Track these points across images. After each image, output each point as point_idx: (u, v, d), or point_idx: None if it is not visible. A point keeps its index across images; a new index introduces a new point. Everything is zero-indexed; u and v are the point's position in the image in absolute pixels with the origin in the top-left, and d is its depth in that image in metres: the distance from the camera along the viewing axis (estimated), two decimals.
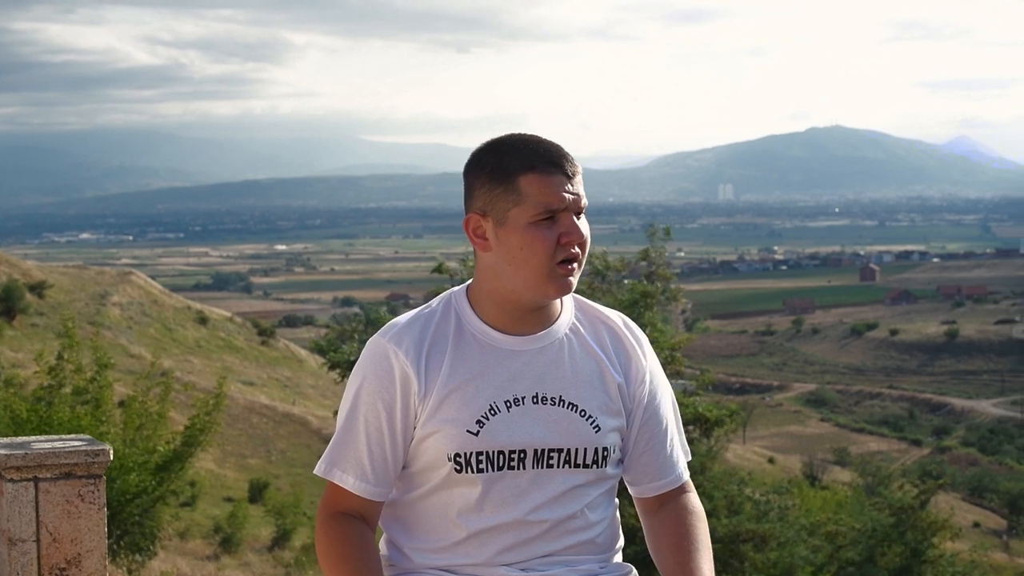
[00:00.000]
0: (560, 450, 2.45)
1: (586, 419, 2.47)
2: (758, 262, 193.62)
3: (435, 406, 2.43)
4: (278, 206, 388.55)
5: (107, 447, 4.35)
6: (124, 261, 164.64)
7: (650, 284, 15.00)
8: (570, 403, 2.47)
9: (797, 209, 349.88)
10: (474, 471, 2.42)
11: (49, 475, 4.26)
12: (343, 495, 2.48)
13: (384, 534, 2.58)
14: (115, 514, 12.38)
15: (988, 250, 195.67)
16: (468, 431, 2.42)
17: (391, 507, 2.54)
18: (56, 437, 4.51)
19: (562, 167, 2.42)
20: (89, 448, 4.31)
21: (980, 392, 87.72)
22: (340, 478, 2.47)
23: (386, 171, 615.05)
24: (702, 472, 15.49)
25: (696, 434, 15.13)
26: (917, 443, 68.59)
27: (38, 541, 4.26)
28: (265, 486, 30.66)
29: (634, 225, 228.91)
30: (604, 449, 2.49)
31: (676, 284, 16.01)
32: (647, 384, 2.56)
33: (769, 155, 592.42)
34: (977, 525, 43.85)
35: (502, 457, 2.43)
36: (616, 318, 2.59)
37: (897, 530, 18.48)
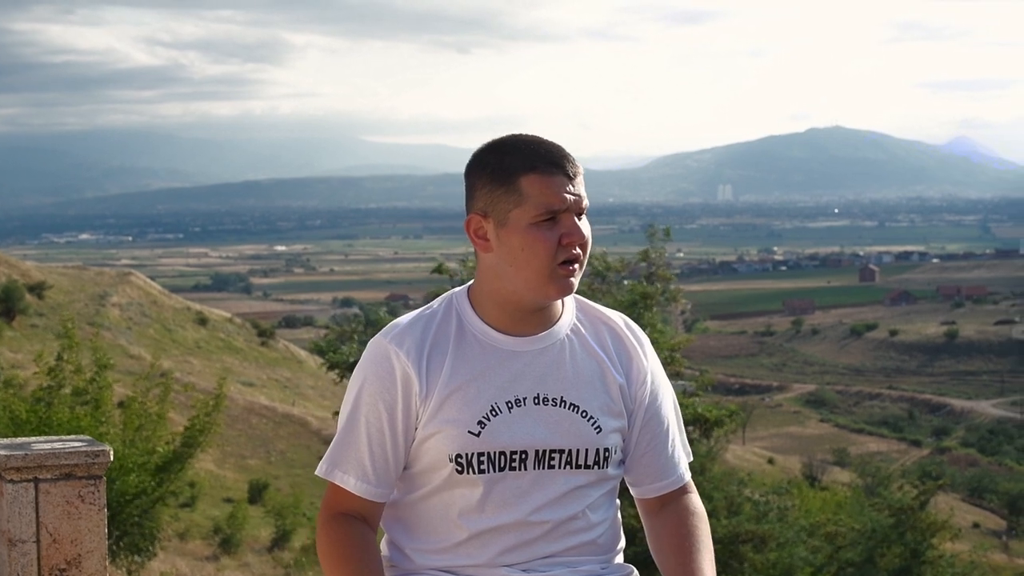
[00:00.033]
0: (561, 451, 2.45)
1: (587, 420, 2.47)
2: (757, 263, 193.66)
3: (436, 407, 2.43)
4: (278, 207, 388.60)
5: (107, 448, 4.35)
6: (124, 262, 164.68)
7: (650, 285, 14.99)
8: (571, 404, 2.47)
9: (797, 210, 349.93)
10: (475, 472, 2.42)
11: (49, 476, 4.25)
12: (344, 496, 2.48)
13: (385, 535, 2.57)
14: (115, 515, 12.37)
15: (988, 251, 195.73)
16: (469, 432, 2.42)
17: (392, 508, 2.54)
18: (56, 438, 4.51)
19: (563, 168, 2.42)
20: (89, 449, 4.31)
21: (980, 393, 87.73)
22: (341, 479, 2.47)
23: (386, 172, 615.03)
24: (702, 473, 15.50)
25: (696, 435, 15.13)
26: (917, 444, 68.59)
27: (38, 542, 4.26)
28: (265, 487, 30.66)
29: (633, 226, 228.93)
30: (605, 450, 2.48)
31: (676, 285, 16.01)
32: (648, 385, 2.56)
33: (769, 156, 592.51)
34: (977, 526, 43.85)
35: (503, 458, 2.42)
36: (617, 319, 2.59)
37: (897, 531, 18.48)
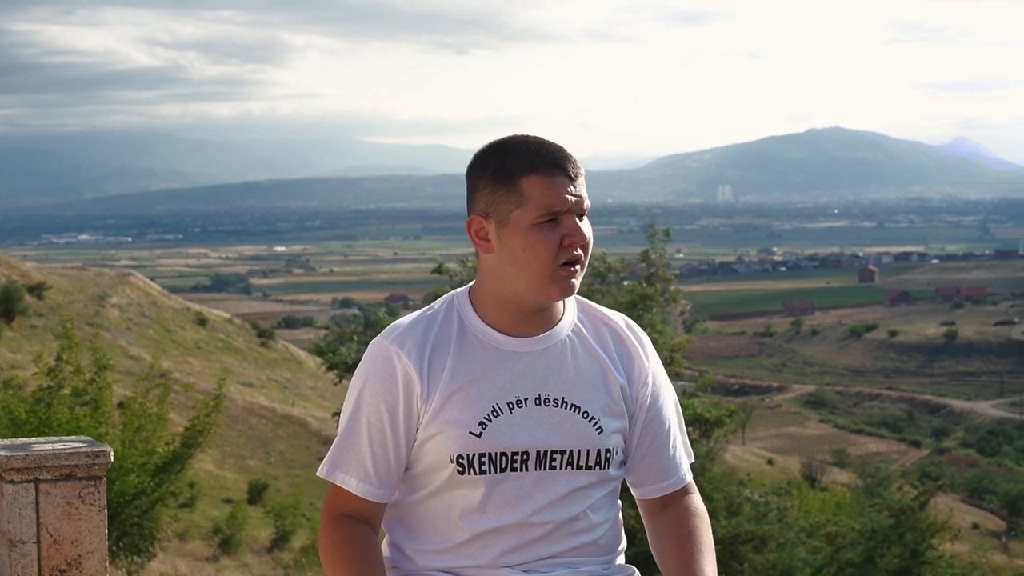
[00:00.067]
0: (563, 452, 2.45)
1: (589, 421, 2.47)
2: (757, 263, 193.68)
3: (438, 408, 2.43)
4: (277, 207, 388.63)
5: (108, 448, 4.35)
6: (123, 262, 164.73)
7: (649, 286, 14.99)
8: (573, 405, 2.47)
9: (796, 210, 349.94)
10: (477, 473, 2.42)
11: (50, 477, 4.25)
12: (346, 497, 2.47)
13: (387, 536, 2.57)
14: (114, 515, 12.38)
15: (987, 251, 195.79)
16: (471, 433, 2.41)
17: (394, 509, 2.53)
18: (56, 439, 4.50)
19: (564, 169, 2.41)
20: (90, 450, 4.30)
21: (979, 393, 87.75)
22: (343, 480, 2.47)
23: (386, 172, 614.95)
24: (701, 473, 15.49)
25: (696, 435, 15.13)
26: (916, 444, 68.61)
27: (38, 543, 4.25)
28: (264, 487, 30.65)
29: (633, 226, 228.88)
30: (607, 451, 2.48)
31: (676, 286, 16.01)
32: (649, 386, 2.56)
33: (768, 156, 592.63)
34: (976, 526, 43.86)
35: (505, 459, 2.42)
36: (619, 320, 2.59)
37: (896, 531, 18.47)
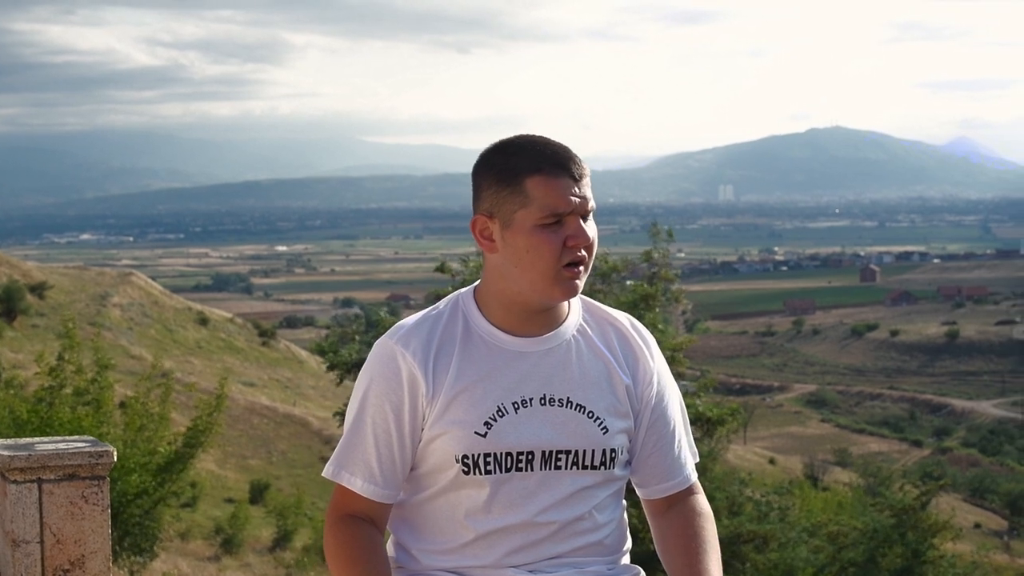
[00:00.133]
0: (568, 452, 2.45)
1: (594, 420, 2.47)
2: (758, 263, 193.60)
3: (443, 408, 2.43)
4: (278, 207, 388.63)
5: (111, 448, 4.35)
6: (124, 262, 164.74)
7: (651, 286, 14.98)
8: (578, 405, 2.47)
9: (797, 210, 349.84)
10: (482, 473, 2.42)
11: (53, 476, 4.25)
12: (351, 497, 2.47)
13: (392, 536, 2.57)
14: (116, 515, 12.38)
15: (988, 251, 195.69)
16: (476, 433, 2.41)
17: (399, 509, 2.53)
18: (60, 439, 4.51)
19: (569, 170, 2.41)
20: (93, 450, 4.31)
21: (981, 393, 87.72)
22: (348, 480, 2.47)
23: (386, 172, 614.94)
24: (703, 473, 15.49)
25: (698, 434, 15.12)
26: (918, 444, 68.58)
27: (42, 542, 4.25)
28: (266, 487, 30.65)
29: (635, 226, 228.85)
30: (612, 450, 2.48)
31: (678, 285, 15.99)
32: (655, 386, 2.56)
33: (770, 156, 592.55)
34: (978, 526, 43.87)
35: (510, 459, 2.42)
36: (624, 320, 2.59)
37: (898, 531, 18.46)
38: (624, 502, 2.59)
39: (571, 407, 2.46)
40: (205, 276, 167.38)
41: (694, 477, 2.61)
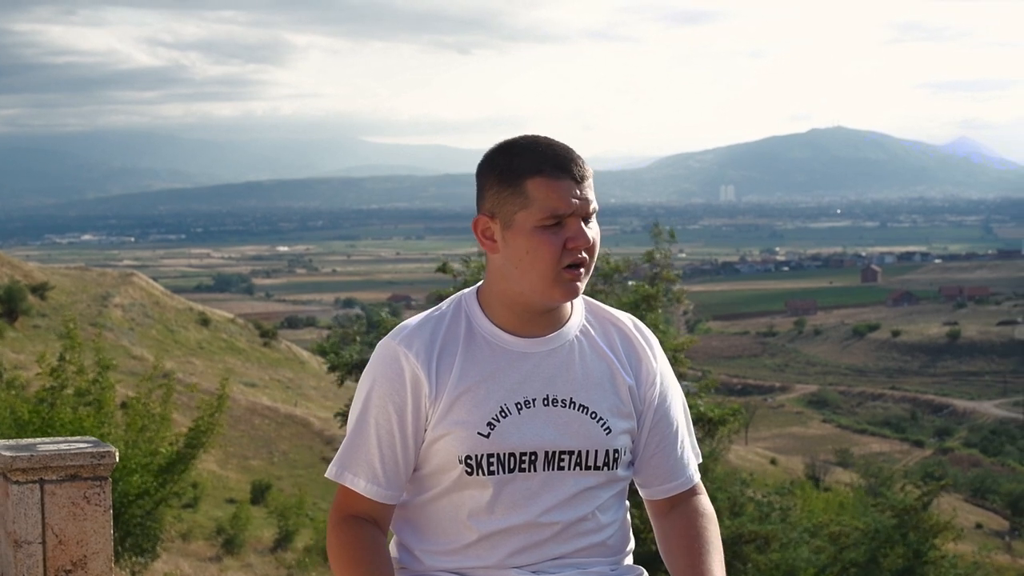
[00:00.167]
0: (571, 452, 2.45)
1: (597, 421, 2.47)
2: (760, 263, 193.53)
3: (446, 408, 2.43)
4: (280, 207, 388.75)
5: (113, 449, 4.35)
6: (126, 262, 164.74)
7: (652, 287, 14.96)
8: (581, 405, 2.47)
9: (799, 210, 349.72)
10: (485, 473, 2.42)
11: (55, 477, 4.25)
12: (355, 498, 2.47)
13: (395, 537, 2.57)
14: (118, 516, 12.37)
15: (990, 251, 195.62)
16: (479, 433, 2.41)
17: (402, 509, 2.53)
18: (61, 439, 4.51)
19: (570, 171, 2.41)
20: (95, 450, 4.31)
21: (982, 393, 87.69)
22: (351, 481, 2.47)
23: (386, 172, 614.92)
24: (704, 474, 15.45)
25: (699, 435, 15.11)
26: (919, 444, 68.54)
27: (44, 543, 4.26)
28: (267, 488, 30.63)
29: (636, 226, 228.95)
30: (615, 451, 2.48)
31: (680, 286, 15.97)
32: (657, 386, 2.56)
33: (771, 156, 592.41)
34: (979, 526, 43.84)
35: (513, 459, 2.42)
36: (626, 320, 2.59)
37: (899, 531, 18.45)
38: (627, 503, 2.59)
39: (574, 408, 2.46)
40: (206, 277, 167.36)
41: (697, 478, 2.61)
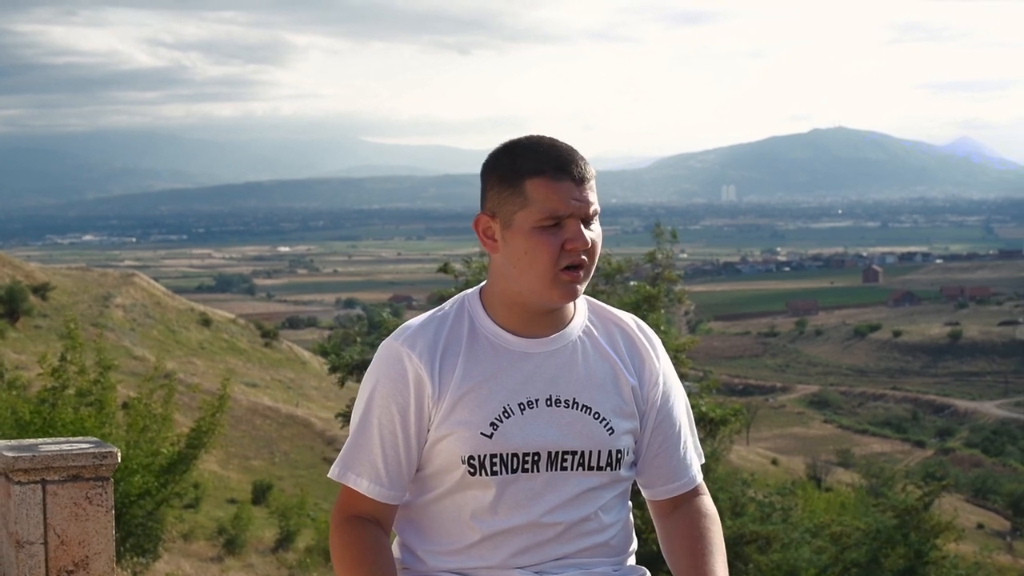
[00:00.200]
0: (574, 452, 2.45)
1: (600, 421, 2.47)
2: (761, 263, 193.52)
3: (449, 409, 2.43)
4: (281, 208, 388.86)
5: (115, 450, 4.35)
6: (127, 263, 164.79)
7: (653, 287, 14.95)
8: (584, 405, 2.46)
9: (800, 210, 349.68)
10: (488, 473, 2.42)
11: (57, 477, 4.25)
12: (357, 498, 2.47)
13: (397, 537, 2.57)
14: (119, 516, 12.37)
15: (991, 251, 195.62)
16: (482, 433, 2.41)
17: (404, 510, 2.53)
18: (63, 440, 4.51)
19: (570, 172, 2.40)
20: (97, 450, 4.31)
21: (983, 393, 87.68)
22: (354, 481, 2.47)
23: (386, 173, 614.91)
24: (706, 474, 15.43)
25: (701, 435, 15.08)
26: (920, 444, 68.54)
27: (46, 543, 4.25)
28: (269, 488, 30.64)
29: (637, 226, 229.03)
30: (618, 451, 2.48)
31: (681, 286, 15.95)
32: (660, 386, 2.56)
33: (771, 156, 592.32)
34: (981, 527, 43.83)
35: (516, 459, 2.42)
36: (629, 320, 2.59)
37: (901, 532, 18.44)
38: (630, 503, 2.59)
39: (577, 408, 2.46)
40: (208, 277, 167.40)
41: (700, 478, 2.61)
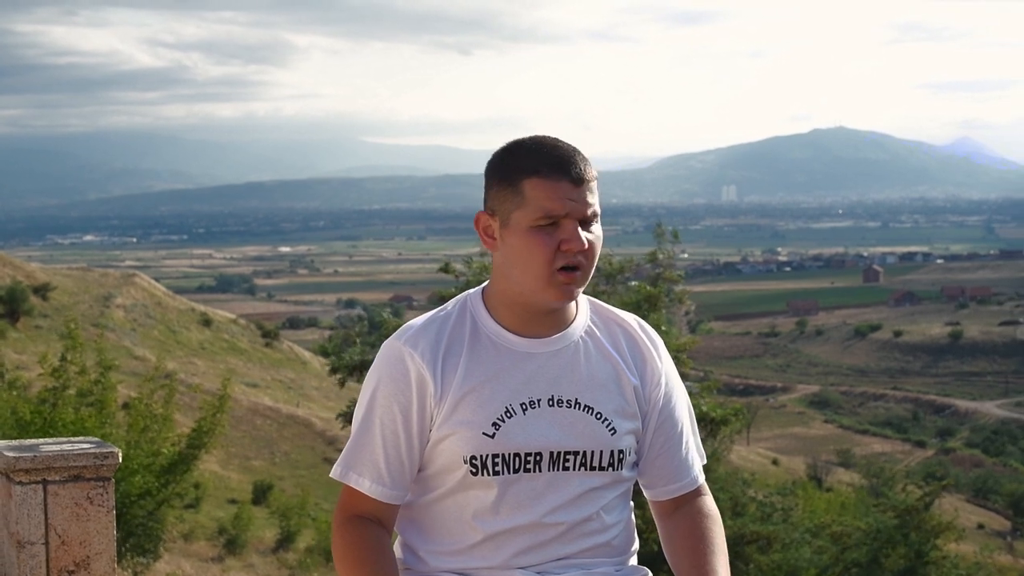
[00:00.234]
0: (576, 452, 2.45)
1: (602, 422, 2.47)
2: (762, 263, 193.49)
3: (451, 408, 2.43)
4: (281, 208, 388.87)
5: (116, 450, 4.35)
6: (128, 263, 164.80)
7: (654, 287, 14.95)
8: (586, 406, 2.46)
9: (800, 210, 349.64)
10: (490, 473, 2.42)
11: (58, 478, 4.25)
12: (359, 498, 2.47)
13: (399, 537, 2.57)
14: (120, 516, 12.38)
15: (992, 251, 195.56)
16: (484, 433, 2.41)
17: (406, 510, 2.53)
18: (64, 440, 4.51)
19: (568, 173, 2.40)
20: (98, 451, 4.31)
21: (984, 393, 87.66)
22: (356, 481, 2.47)
23: (387, 173, 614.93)
24: (707, 474, 15.44)
25: (702, 435, 15.06)
26: (921, 444, 68.53)
27: (47, 544, 4.25)
28: (269, 488, 30.64)
29: (637, 227, 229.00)
30: (620, 451, 2.48)
31: (682, 287, 15.96)
32: (662, 387, 2.56)
33: (772, 157, 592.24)
34: (981, 527, 43.82)
35: (518, 459, 2.42)
36: (632, 321, 2.58)
37: (901, 532, 18.46)
38: (631, 503, 2.59)
39: (579, 408, 2.46)
40: (208, 277, 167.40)
41: (701, 479, 2.61)
